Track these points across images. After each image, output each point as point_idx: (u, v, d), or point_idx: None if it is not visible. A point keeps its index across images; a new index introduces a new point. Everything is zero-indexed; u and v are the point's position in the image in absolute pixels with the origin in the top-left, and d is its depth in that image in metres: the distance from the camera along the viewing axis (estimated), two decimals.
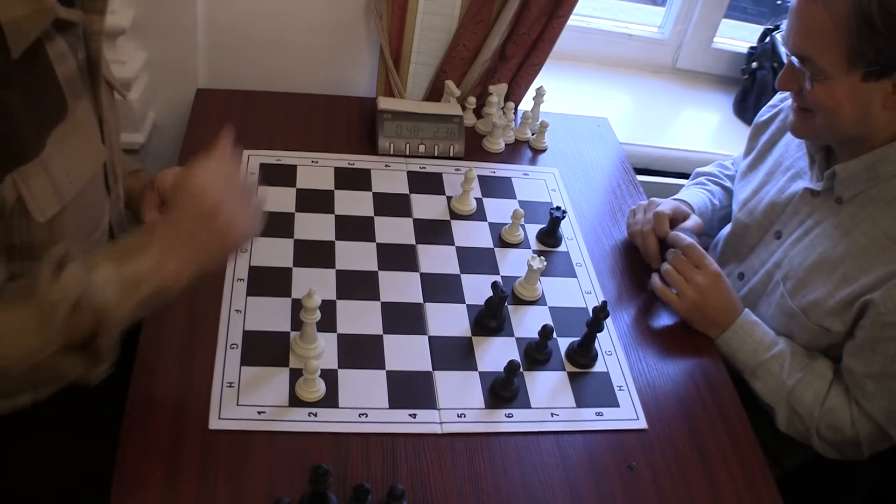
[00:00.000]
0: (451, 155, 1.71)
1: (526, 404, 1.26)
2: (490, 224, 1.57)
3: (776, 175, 1.54)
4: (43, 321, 0.91)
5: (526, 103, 1.91)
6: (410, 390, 1.24)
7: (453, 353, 1.31)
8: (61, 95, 1.06)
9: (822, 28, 1.23)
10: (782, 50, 1.41)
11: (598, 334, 1.33)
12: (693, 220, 1.55)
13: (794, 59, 1.31)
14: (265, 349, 1.25)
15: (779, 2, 2.65)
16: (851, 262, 1.33)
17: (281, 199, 1.52)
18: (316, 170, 1.61)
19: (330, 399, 1.20)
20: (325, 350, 1.26)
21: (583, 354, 1.33)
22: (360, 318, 1.33)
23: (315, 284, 1.24)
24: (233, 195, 1.04)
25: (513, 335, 1.36)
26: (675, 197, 1.66)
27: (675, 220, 1.53)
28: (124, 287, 0.95)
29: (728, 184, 1.75)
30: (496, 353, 1.32)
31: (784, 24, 1.34)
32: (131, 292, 0.95)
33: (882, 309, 1.27)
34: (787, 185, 1.50)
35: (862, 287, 1.31)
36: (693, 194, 1.68)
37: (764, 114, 1.64)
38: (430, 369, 1.28)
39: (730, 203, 1.70)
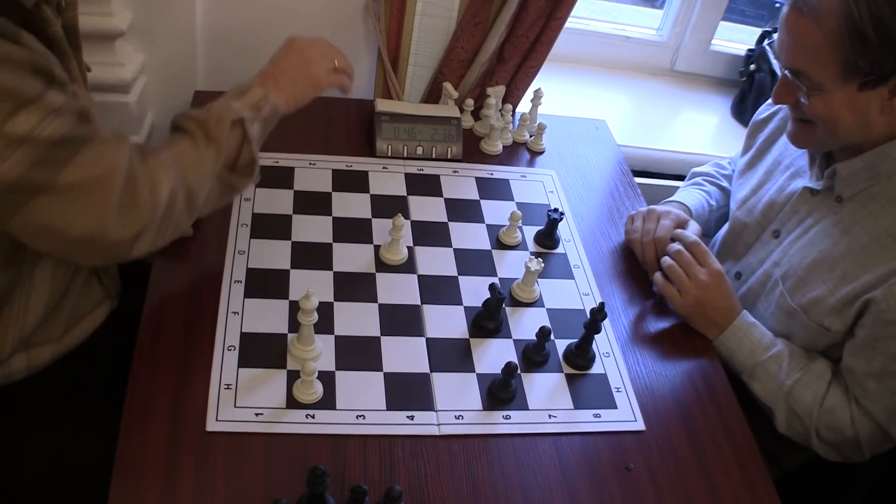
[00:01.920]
0: (449, 157, 1.71)
1: (524, 406, 1.26)
2: (488, 226, 1.57)
3: (775, 174, 1.54)
4: (211, 140, 1.18)
5: (524, 105, 1.91)
6: (408, 392, 1.24)
7: (451, 355, 1.31)
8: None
9: (815, 43, 1.22)
10: (775, 62, 1.40)
11: (596, 336, 1.33)
12: (693, 228, 1.55)
13: (787, 72, 1.31)
14: (263, 351, 1.25)
15: (777, 4, 2.65)
16: (852, 259, 1.33)
17: (278, 201, 1.52)
18: (314, 172, 1.61)
19: (327, 401, 1.20)
20: (322, 352, 1.26)
21: (580, 356, 1.33)
22: (357, 319, 1.33)
23: (312, 286, 1.24)
24: (322, 48, 1.41)
25: (510, 337, 1.36)
26: (672, 198, 1.66)
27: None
28: (250, 108, 1.25)
29: (725, 183, 1.75)
30: (494, 355, 1.32)
31: (776, 35, 1.34)
32: (256, 111, 1.25)
33: (883, 307, 1.27)
34: (786, 183, 1.50)
35: (863, 285, 1.31)
36: (689, 195, 1.68)
37: (762, 112, 1.64)
38: (428, 371, 1.28)
39: (727, 203, 1.70)
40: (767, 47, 2.23)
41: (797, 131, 1.38)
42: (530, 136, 1.83)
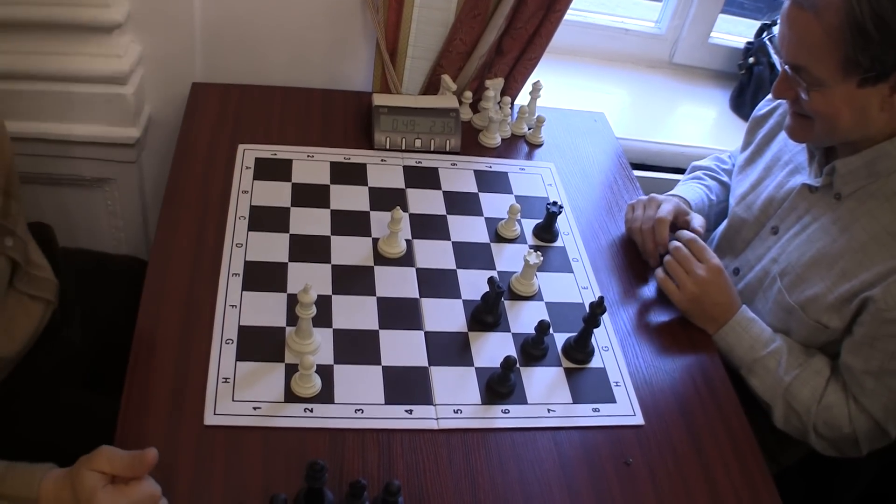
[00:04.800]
0: (448, 149, 1.71)
1: (522, 400, 1.26)
2: (486, 219, 1.57)
3: (774, 170, 1.53)
4: None
5: (522, 98, 1.90)
6: (406, 386, 1.24)
7: (449, 349, 1.31)
8: None
9: (816, 39, 1.22)
10: (776, 58, 1.38)
11: (595, 330, 1.32)
12: (698, 221, 1.54)
13: (787, 67, 1.30)
14: (260, 344, 1.24)
15: None
16: (850, 257, 1.33)
17: (276, 193, 1.52)
18: (312, 164, 1.60)
19: (326, 395, 1.19)
20: (320, 345, 1.26)
21: (579, 350, 1.33)
22: (355, 313, 1.33)
23: (311, 279, 1.24)
24: None
25: (509, 331, 1.36)
26: (671, 192, 1.66)
27: (676, 222, 1.53)
28: None
29: (725, 178, 1.74)
30: (492, 349, 1.32)
31: (776, 29, 1.33)
32: None
33: (882, 305, 1.27)
34: (785, 180, 1.49)
35: (861, 283, 1.31)
36: (690, 190, 1.67)
37: (762, 107, 1.64)
38: (427, 365, 1.27)
39: (727, 198, 1.70)
40: (767, 41, 2.22)
41: (795, 126, 1.38)
42: (529, 129, 1.83)
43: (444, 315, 1.36)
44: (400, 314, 1.34)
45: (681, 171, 1.92)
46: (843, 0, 1.17)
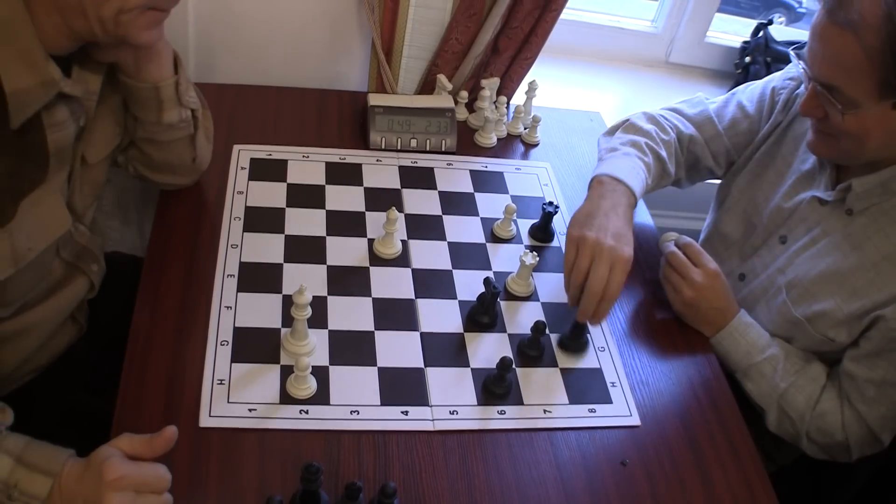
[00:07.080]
0: (443, 149, 1.70)
1: (518, 401, 1.25)
2: (482, 219, 1.56)
3: (784, 177, 1.50)
4: None
5: (518, 97, 1.90)
6: (402, 387, 1.23)
7: (445, 350, 1.30)
8: (45, 163, 1.06)
9: (854, 60, 1.17)
10: (802, 72, 1.31)
11: (591, 329, 1.32)
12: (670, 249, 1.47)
13: (818, 85, 1.25)
14: (256, 346, 1.24)
15: None
16: (861, 276, 1.32)
17: (271, 194, 1.51)
18: (307, 164, 1.60)
19: (321, 396, 1.19)
20: (316, 347, 1.25)
21: (574, 339, 1.33)
22: (351, 314, 1.32)
23: (306, 280, 1.23)
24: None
25: (505, 331, 1.36)
26: (616, 174, 1.43)
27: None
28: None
29: (663, 152, 1.56)
30: (488, 350, 1.32)
31: (806, 45, 1.28)
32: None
33: (893, 325, 1.27)
34: (793, 189, 1.47)
35: (873, 303, 1.30)
36: (634, 175, 1.45)
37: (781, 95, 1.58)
38: (422, 366, 1.27)
39: (660, 173, 1.55)
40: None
41: (819, 142, 1.34)
42: (525, 129, 1.82)
43: (440, 316, 1.36)
44: (395, 315, 1.34)
45: None
46: (885, 21, 1.13)
